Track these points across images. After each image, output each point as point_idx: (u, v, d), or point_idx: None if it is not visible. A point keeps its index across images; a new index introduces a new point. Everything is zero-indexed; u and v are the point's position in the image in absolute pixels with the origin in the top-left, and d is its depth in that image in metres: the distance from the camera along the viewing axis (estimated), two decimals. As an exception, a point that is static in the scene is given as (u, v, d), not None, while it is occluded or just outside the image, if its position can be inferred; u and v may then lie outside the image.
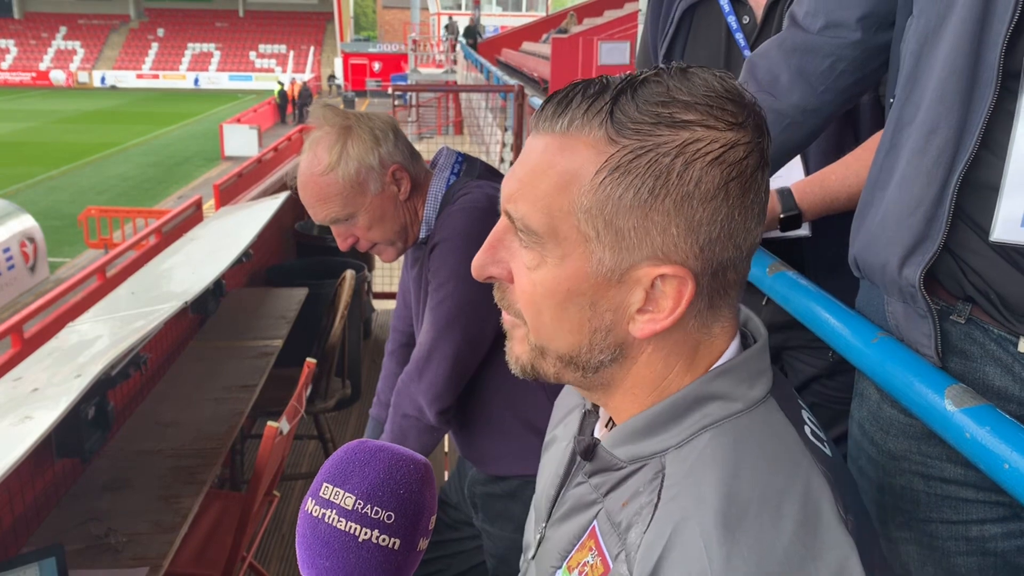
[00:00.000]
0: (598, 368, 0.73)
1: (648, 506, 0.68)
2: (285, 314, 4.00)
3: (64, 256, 12.39)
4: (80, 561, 2.09)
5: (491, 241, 0.75)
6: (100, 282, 3.53)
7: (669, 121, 0.66)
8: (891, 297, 1.07)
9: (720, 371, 0.71)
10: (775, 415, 0.71)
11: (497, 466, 1.83)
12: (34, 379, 2.14)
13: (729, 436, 0.69)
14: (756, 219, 0.69)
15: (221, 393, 3.15)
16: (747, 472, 0.66)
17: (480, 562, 2.01)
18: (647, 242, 0.67)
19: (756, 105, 0.69)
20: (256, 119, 24.50)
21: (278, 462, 2.76)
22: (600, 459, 0.76)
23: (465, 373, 1.73)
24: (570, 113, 0.68)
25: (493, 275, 0.75)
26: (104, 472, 2.57)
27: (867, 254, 1.08)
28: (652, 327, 0.69)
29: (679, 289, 0.68)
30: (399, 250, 1.79)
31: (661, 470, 0.70)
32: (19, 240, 10.59)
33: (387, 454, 0.67)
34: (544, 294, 0.71)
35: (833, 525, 0.64)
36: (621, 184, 0.66)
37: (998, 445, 0.80)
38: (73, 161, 20.92)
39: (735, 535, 0.62)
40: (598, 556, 0.72)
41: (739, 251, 0.69)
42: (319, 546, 0.64)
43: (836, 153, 1.50)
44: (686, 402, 0.71)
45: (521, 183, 0.70)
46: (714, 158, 0.66)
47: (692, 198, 0.66)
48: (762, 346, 0.74)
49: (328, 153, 1.65)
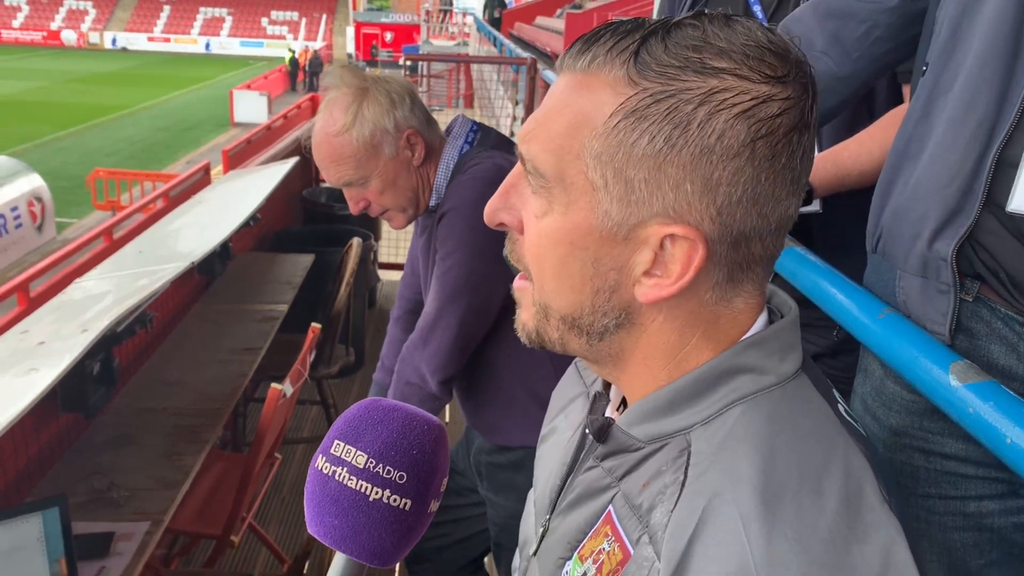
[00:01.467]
0: (603, 334, 0.67)
1: (674, 484, 0.63)
2: (291, 279, 4.01)
3: (71, 217, 12.41)
4: (82, 514, 2.11)
5: (505, 186, 0.70)
6: (107, 243, 3.53)
7: (698, 66, 0.60)
8: (908, 272, 1.05)
9: (749, 343, 0.66)
10: (808, 390, 0.66)
11: (503, 436, 1.84)
12: (41, 333, 2.16)
13: (762, 410, 0.63)
14: (788, 188, 0.62)
15: (226, 355, 3.17)
16: (783, 448, 0.61)
17: (483, 529, 2.03)
18: (658, 197, 0.61)
19: (805, 63, 0.62)
20: (266, 86, 24.39)
21: (280, 425, 2.78)
22: (615, 440, 0.70)
23: (470, 343, 1.73)
24: (595, 50, 0.63)
25: (504, 221, 0.70)
26: (108, 428, 2.60)
27: (894, 225, 1.05)
28: (657, 292, 0.63)
29: (689, 253, 0.61)
30: (409, 217, 1.78)
31: (686, 448, 0.64)
32: (27, 199, 10.60)
33: (401, 414, 0.65)
34: (548, 245, 0.66)
35: (876, 506, 0.60)
36: (636, 130, 0.60)
37: (1001, 420, 0.80)
38: (82, 122, 20.89)
39: (775, 513, 0.57)
40: (615, 542, 0.67)
41: (765, 221, 0.62)
42: (328, 504, 0.62)
43: (849, 130, 1.49)
44: (712, 376, 0.65)
45: (537, 123, 0.66)
46: (742, 111, 0.59)
47: (712, 153, 0.59)
48: (793, 319, 0.69)
49: (344, 114, 1.64)
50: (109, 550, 2.02)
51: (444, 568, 2.11)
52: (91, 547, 2.00)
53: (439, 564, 2.10)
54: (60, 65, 35.29)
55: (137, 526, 2.11)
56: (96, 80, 30.57)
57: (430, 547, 2.08)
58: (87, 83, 29.42)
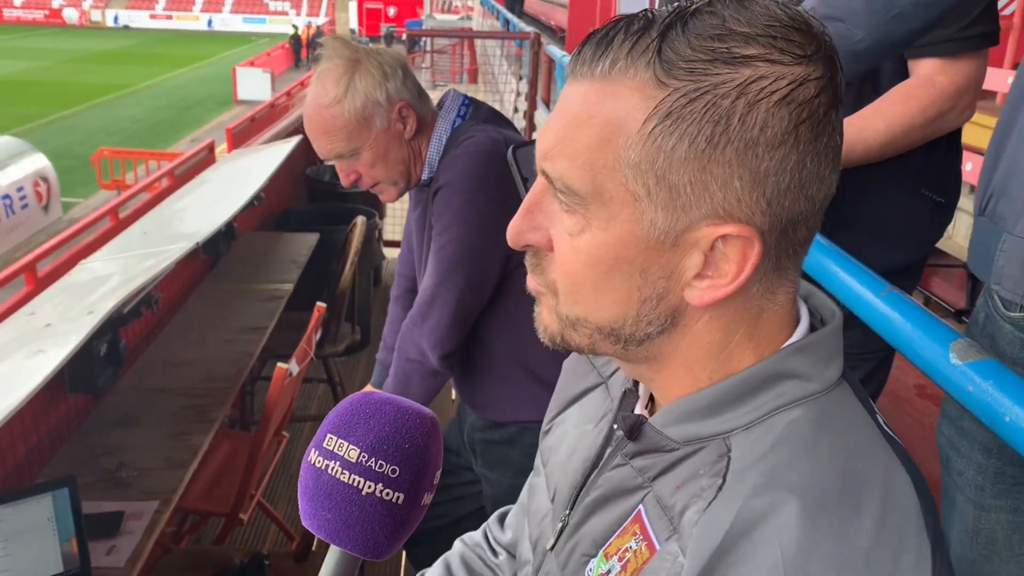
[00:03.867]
0: (643, 341, 0.65)
1: (710, 488, 0.61)
2: (296, 258, 4.02)
3: (77, 196, 12.43)
4: (92, 494, 2.13)
5: (527, 205, 0.66)
6: (113, 223, 3.53)
7: (727, 57, 0.57)
8: (1016, 235, 0.99)
9: (796, 347, 0.64)
10: (851, 399, 0.64)
11: (496, 412, 1.85)
12: (47, 314, 2.17)
13: (808, 418, 0.61)
14: (831, 165, 0.60)
15: (232, 334, 3.18)
16: (826, 458, 0.59)
17: (479, 507, 2.04)
18: (706, 198, 0.58)
19: (825, 35, 0.60)
20: (269, 63, 24.29)
21: (287, 403, 2.80)
22: (647, 439, 0.68)
23: (468, 318, 1.73)
24: (612, 54, 0.59)
25: (531, 243, 0.66)
26: (116, 408, 2.62)
27: (1008, 184, 0.99)
28: (713, 294, 0.61)
29: (743, 251, 0.59)
30: (400, 190, 1.78)
31: (726, 452, 0.62)
32: (32, 179, 10.61)
33: (393, 407, 0.64)
34: (588, 263, 0.62)
35: (915, 532, 0.58)
36: (674, 133, 0.57)
37: (1000, 399, 0.80)
38: (85, 101, 20.86)
39: (814, 526, 0.55)
40: (643, 541, 0.65)
41: (812, 203, 0.60)
42: (322, 498, 0.62)
43: (855, 106, 1.48)
44: (758, 379, 0.63)
45: (558, 137, 0.62)
46: (781, 97, 0.57)
47: (757, 145, 0.57)
48: (837, 325, 0.67)
49: (335, 85, 1.63)
50: (119, 529, 2.04)
51: (442, 548, 2.12)
52: (101, 527, 2.03)
53: (436, 544, 2.12)
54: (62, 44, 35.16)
55: (147, 505, 2.13)
56: (98, 59, 30.47)
57: (427, 528, 2.09)
58: (89, 62, 29.33)
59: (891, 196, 1.56)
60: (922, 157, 1.53)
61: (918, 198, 1.58)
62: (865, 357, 1.67)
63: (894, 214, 1.58)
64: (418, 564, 2.18)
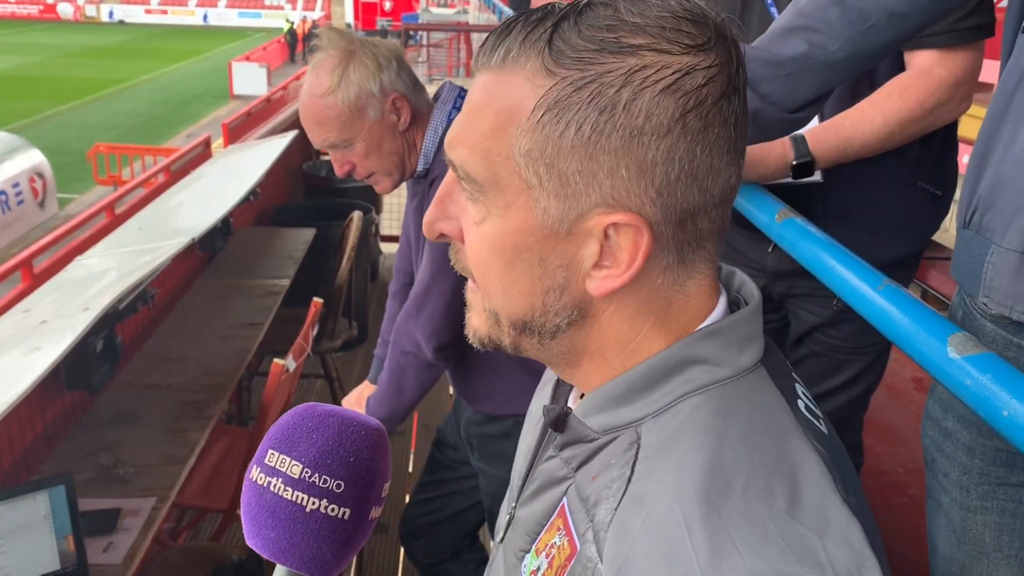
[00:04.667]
0: (555, 333, 0.65)
1: (620, 480, 0.61)
2: (292, 254, 4.01)
3: (73, 192, 12.39)
4: (89, 490, 2.13)
5: (440, 195, 0.67)
6: (109, 219, 3.53)
7: (615, 47, 0.58)
8: (1004, 247, 0.99)
9: (706, 332, 0.64)
10: (765, 385, 0.64)
11: (492, 405, 1.85)
12: (43, 311, 2.16)
13: (713, 404, 0.61)
14: (726, 157, 0.60)
15: (228, 330, 3.18)
16: (732, 444, 0.59)
17: (477, 501, 2.04)
18: (595, 187, 0.59)
19: (724, 26, 0.60)
20: (265, 57, 24.22)
21: (284, 399, 2.80)
22: (572, 430, 0.68)
23: (463, 310, 1.73)
24: (507, 43, 0.61)
25: (443, 232, 0.68)
26: (113, 405, 2.61)
27: (993, 196, 0.99)
28: (610, 284, 0.61)
29: (635, 240, 0.59)
30: (395, 182, 1.78)
31: (636, 440, 0.62)
32: (28, 175, 10.58)
33: (336, 419, 0.62)
34: (491, 251, 0.63)
35: (836, 505, 0.57)
36: (561, 121, 0.58)
37: (998, 393, 0.80)
38: (81, 97, 20.79)
39: (720, 513, 0.55)
40: (566, 536, 0.65)
41: (707, 195, 0.60)
42: (265, 516, 0.60)
43: (851, 100, 1.48)
44: (667, 366, 0.63)
45: (461, 126, 0.63)
46: (666, 86, 0.57)
47: (643, 134, 0.57)
48: (754, 309, 0.66)
49: (329, 76, 1.65)
50: (116, 526, 2.04)
51: (439, 543, 2.12)
52: (98, 523, 2.02)
53: (434, 539, 2.12)
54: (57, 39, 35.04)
55: (144, 502, 2.13)
56: (94, 54, 30.37)
57: (424, 523, 2.10)
58: (85, 57, 29.23)
59: (888, 189, 1.56)
60: (918, 150, 1.53)
61: (915, 191, 1.58)
62: (862, 351, 1.67)
63: (891, 207, 1.58)
64: (415, 559, 2.19)
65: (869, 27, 1.16)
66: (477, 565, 2.16)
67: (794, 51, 1.18)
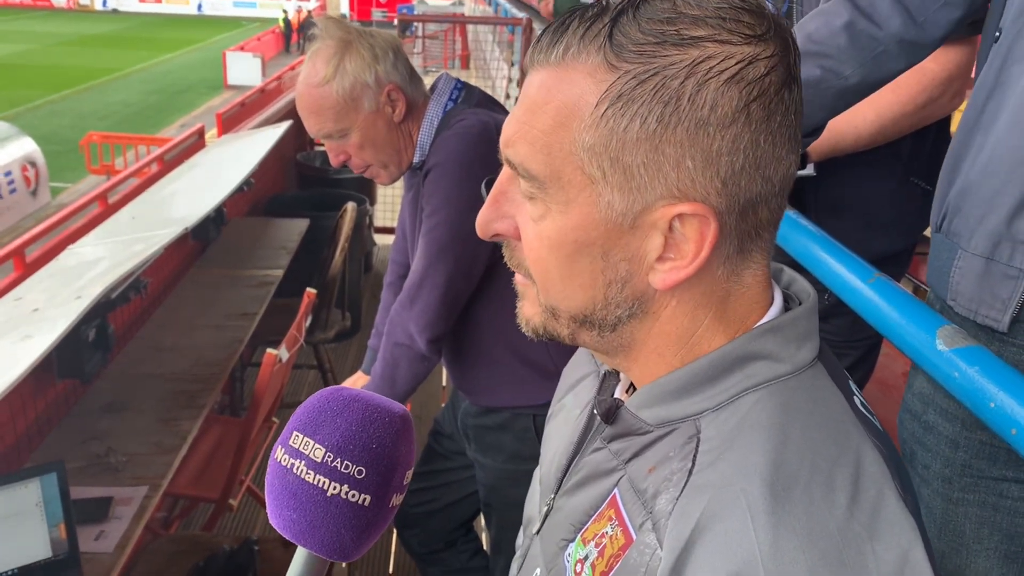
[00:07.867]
0: (616, 326, 0.66)
1: (681, 472, 0.61)
2: (286, 244, 4.01)
3: (66, 181, 12.33)
4: (80, 479, 2.13)
5: (494, 194, 0.67)
6: (102, 208, 3.51)
7: (676, 39, 0.58)
8: (970, 252, 1.00)
9: (767, 328, 0.64)
10: (824, 381, 0.65)
11: (489, 398, 1.85)
12: (35, 300, 2.16)
13: (776, 399, 0.62)
14: (787, 145, 0.61)
15: (221, 320, 3.18)
16: (795, 439, 0.59)
17: (472, 492, 2.05)
18: (660, 179, 0.59)
19: (779, 16, 0.62)
20: (260, 47, 24.08)
21: (277, 389, 2.80)
22: (623, 422, 0.69)
23: (457, 302, 1.73)
24: (565, 40, 0.61)
25: (499, 232, 0.68)
26: (104, 394, 2.61)
27: (961, 202, 1.01)
28: (675, 276, 0.61)
29: (701, 230, 0.60)
30: (392, 174, 1.78)
31: (695, 434, 0.63)
32: (20, 164, 10.52)
33: (361, 404, 0.62)
34: (551, 247, 0.64)
35: (892, 504, 0.58)
36: (626, 115, 0.59)
37: (985, 384, 0.81)
38: (74, 86, 20.67)
39: (784, 507, 0.56)
40: (618, 526, 0.65)
41: (769, 184, 0.61)
42: (287, 497, 0.60)
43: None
44: (727, 361, 0.64)
45: (519, 123, 0.63)
46: (730, 76, 0.58)
47: (708, 124, 0.58)
48: (812, 306, 0.67)
49: (325, 66, 1.65)
50: (108, 514, 2.04)
51: (434, 532, 2.13)
52: (90, 511, 2.03)
53: (429, 528, 2.13)
54: (50, 27, 34.82)
55: (136, 490, 2.13)
56: (87, 42, 30.20)
57: (420, 512, 2.11)
58: (78, 45, 29.06)
59: (880, 184, 1.56)
60: (911, 145, 1.53)
61: (907, 186, 1.58)
62: (853, 344, 1.68)
63: (883, 202, 1.58)
64: (410, 548, 2.19)
65: (879, 53, 1.18)
66: (472, 555, 2.17)
67: (807, 75, 1.19)
